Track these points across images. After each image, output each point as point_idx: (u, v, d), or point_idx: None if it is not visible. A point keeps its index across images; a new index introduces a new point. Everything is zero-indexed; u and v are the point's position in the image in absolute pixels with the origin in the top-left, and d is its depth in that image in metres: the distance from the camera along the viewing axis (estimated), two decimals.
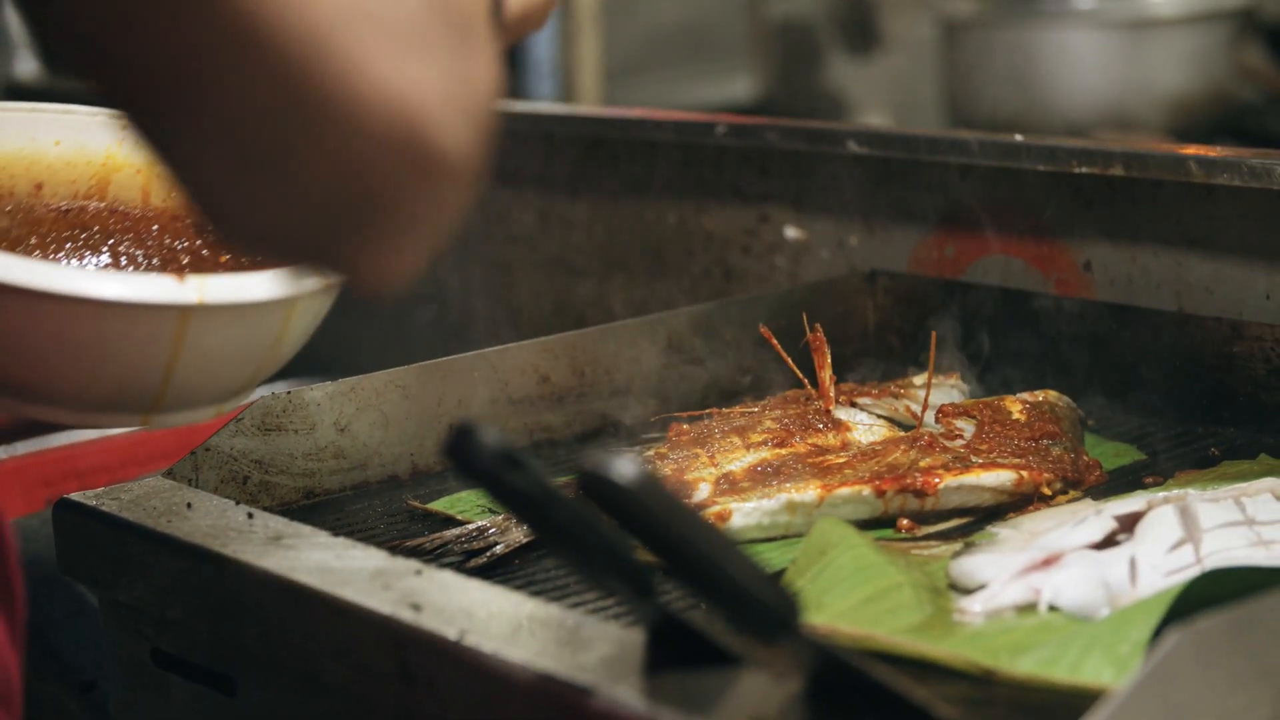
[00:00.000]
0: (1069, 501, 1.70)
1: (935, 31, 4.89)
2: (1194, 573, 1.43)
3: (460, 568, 1.61)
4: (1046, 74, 4.55)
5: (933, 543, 1.63)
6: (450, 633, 1.34)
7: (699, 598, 1.24)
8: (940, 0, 4.91)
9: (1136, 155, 1.92)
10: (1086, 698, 1.25)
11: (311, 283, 1.42)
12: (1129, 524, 1.53)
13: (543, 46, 4.82)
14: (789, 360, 1.87)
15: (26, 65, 4.13)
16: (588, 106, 4.73)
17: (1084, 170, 1.97)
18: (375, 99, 0.88)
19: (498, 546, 1.64)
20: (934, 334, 1.82)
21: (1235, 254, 1.90)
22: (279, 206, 0.90)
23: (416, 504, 1.78)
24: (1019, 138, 2.04)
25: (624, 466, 1.10)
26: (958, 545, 1.60)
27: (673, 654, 1.27)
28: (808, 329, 1.85)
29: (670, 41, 5.27)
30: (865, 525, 1.68)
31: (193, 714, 1.61)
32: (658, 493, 1.12)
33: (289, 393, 1.79)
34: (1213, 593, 1.34)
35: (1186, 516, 1.52)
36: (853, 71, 5.26)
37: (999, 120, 4.53)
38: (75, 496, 1.67)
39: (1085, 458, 1.77)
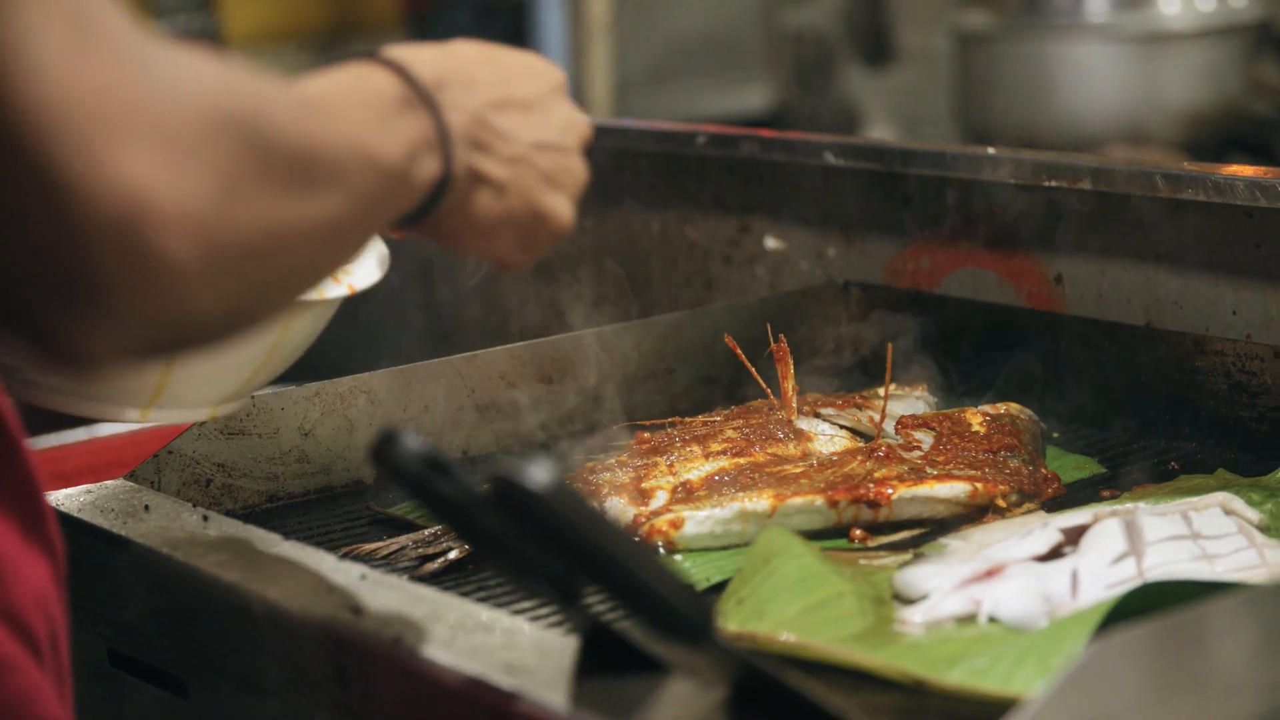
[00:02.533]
0: (1024, 514, 1.71)
1: (949, 44, 4.89)
2: (1135, 585, 1.43)
3: (413, 572, 1.63)
4: (1059, 87, 4.55)
5: (882, 553, 1.64)
6: (386, 636, 1.35)
7: (615, 603, 1.25)
8: (954, 13, 4.92)
9: (1104, 170, 1.93)
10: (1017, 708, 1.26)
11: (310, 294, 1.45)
12: (1074, 536, 1.54)
13: (554, 56, 4.83)
14: (753, 370, 1.87)
15: None
16: (594, 117, 4.75)
17: (1053, 184, 1.97)
18: (97, 188, 0.92)
19: (451, 552, 1.65)
20: (890, 346, 1.83)
21: (1202, 269, 1.91)
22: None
23: (378, 509, 1.79)
24: (991, 151, 2.05)
25: (536, 473, 1.11)
26: (908, 556, 1.61)
27: (605, 660, 1.29)
28: (771, 340, 1.86)
29: (686, 53, 5.28)
30: (820, 535, 1.69)
31: (148, 715, 1.63)
32: (569, 500, 1.13)
33: (252, 396, 1.80)
34: (1150, 605, 1.34)
35: (1131, 530, 1.52)
36: (867, 83, 5.27)
37: (1011, 133, 4.53)
38: None
39: (1043, 470, 1.77)
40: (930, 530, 1.70)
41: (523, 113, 1.34)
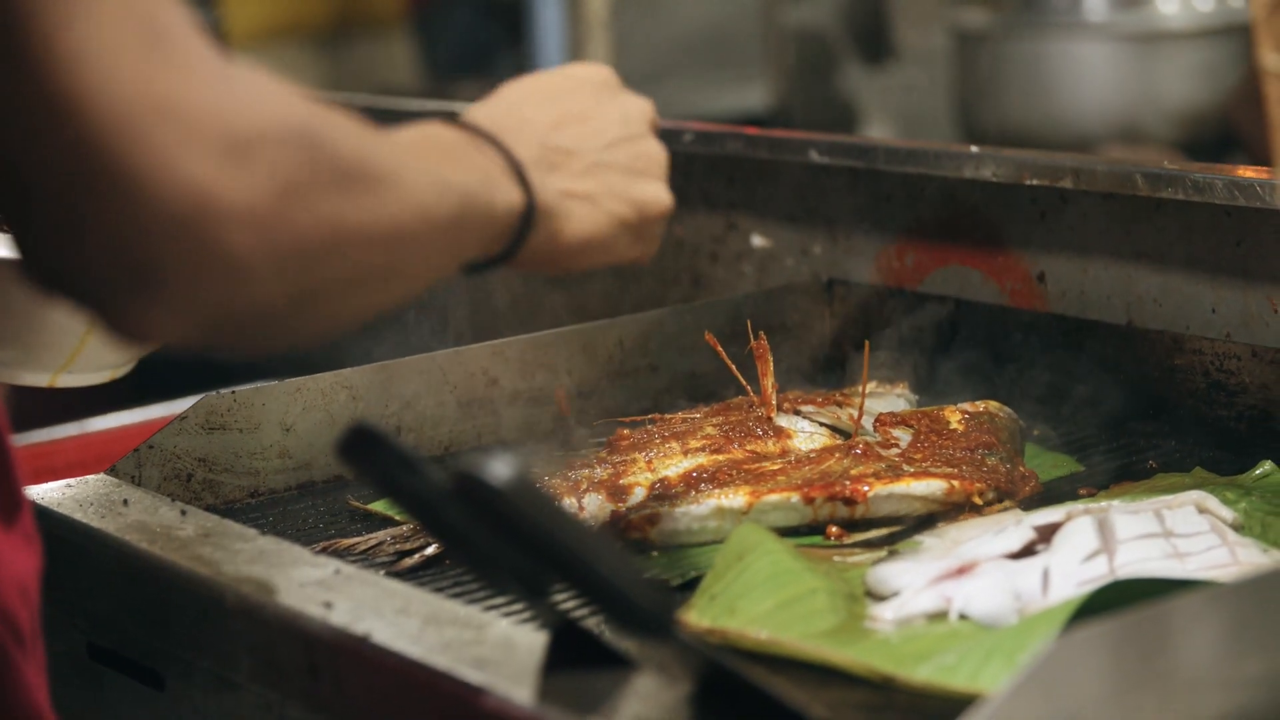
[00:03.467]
0: (1001, 512, 1.71)
1: (948, 42, 4.90)
2: (1107, 583, 1.44)
3: (390, 567, 1.63)
4: (1058, 86, 4.55)
5: (857, 550, 1.64)
6: (356, 630, 1.36)
7: (579, 598, 1.25)
8: (954, 11, 4.91)
9: (1085, 168, 1.93)
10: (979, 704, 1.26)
11: None
12: (1047, 534, 1.54)
13: (552, 53, 4.83)
14: (733, 367, 1.88)
15: None
16: None
17: (1035, 182, 1.98)
18: (163, 185, 0.99)
19: (429, 547, 1.65)
20: (867, 344, 1.83)
21: (1182, 267, 1.91)
22: (66, 256, 1.01)
23: (357, 504, 1.80)
24: (974, 149, 2.05)
25: (498, 468, 1.12)
26: (883, 553, 1.62)
27: (574, 656, 1.29)
28: (751, 337, 1.86)
29: (685, 50, 5.28)
30: (797, 532, 1.69)
31: (126, 707, 1.63)
32: (531, 495, 1.13)
33: (234, 392, 1.81)
34: (1118, 602, 1.35)
35: (1104, 528, 1.53)
36: (867, 81, 5.27)
37: (1009, 131, 4.53)
38: None
39: (1021, 469, 1.78)
40: (906, 528, 1.70)
41: (581, 123, 1.42)
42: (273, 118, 1.05)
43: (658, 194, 1.46)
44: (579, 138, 1.42)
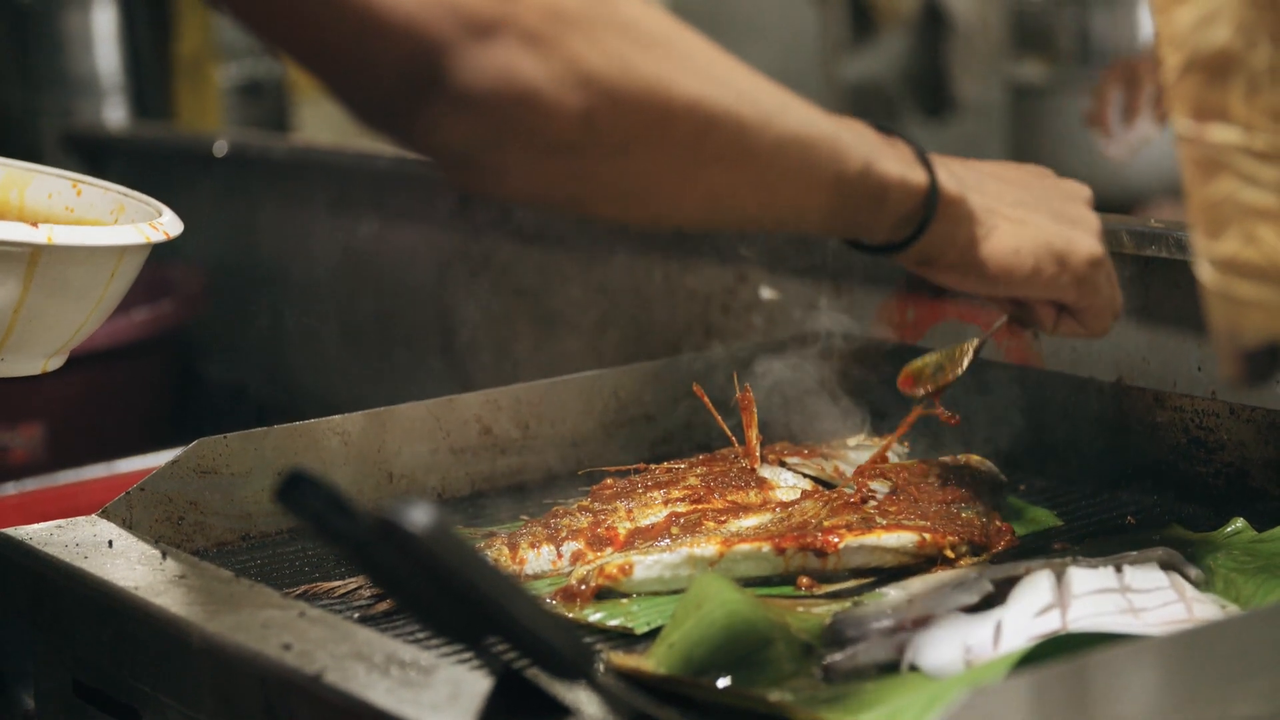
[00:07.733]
0: (972, 565, 1.73)
1: (1005, 96, 4.91)
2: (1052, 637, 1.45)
3: (365, 611, 1.66)
4: None
5: (823, 601, 1.66)
6: (308, 670, 1.39)
7: (504, 643, 1.28)
8: (1011, 65, 4.92)
9: None
10: None
11: (133, 237, 1.57)
12: (1005, 588, 1.56)
13: None
14: (719, 419, 1.91)
15: (115, 113, 4.26)
16: None
17: None
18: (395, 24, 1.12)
19: None
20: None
21: (1169, 325, 1.92)
22: (344, 83, 1.16)
23: None
24: None
25: (417, 514, 1.15)
26: (847, 604, 1.63)
27: (517, 701, 1.32)
28: (738, 388, 1.89)
29: None
30: (769, 582, 1.71)
31: None
32: (449, 541, 1.16)
33: (226, 436, 1.85)
34: (1061, 655, 1.36)
35: (1060, 582, 1.54)
36: (924, 134, 5.28)
37: None
38: (9, 531, 1.74)
39: (997, 523, 1.79)
40: (878, 580, 1.72)
41: (1011, 183, 1.50)
42: None
43: (1087, 241, 1.50)
44: (1006, 187, 1.48)
